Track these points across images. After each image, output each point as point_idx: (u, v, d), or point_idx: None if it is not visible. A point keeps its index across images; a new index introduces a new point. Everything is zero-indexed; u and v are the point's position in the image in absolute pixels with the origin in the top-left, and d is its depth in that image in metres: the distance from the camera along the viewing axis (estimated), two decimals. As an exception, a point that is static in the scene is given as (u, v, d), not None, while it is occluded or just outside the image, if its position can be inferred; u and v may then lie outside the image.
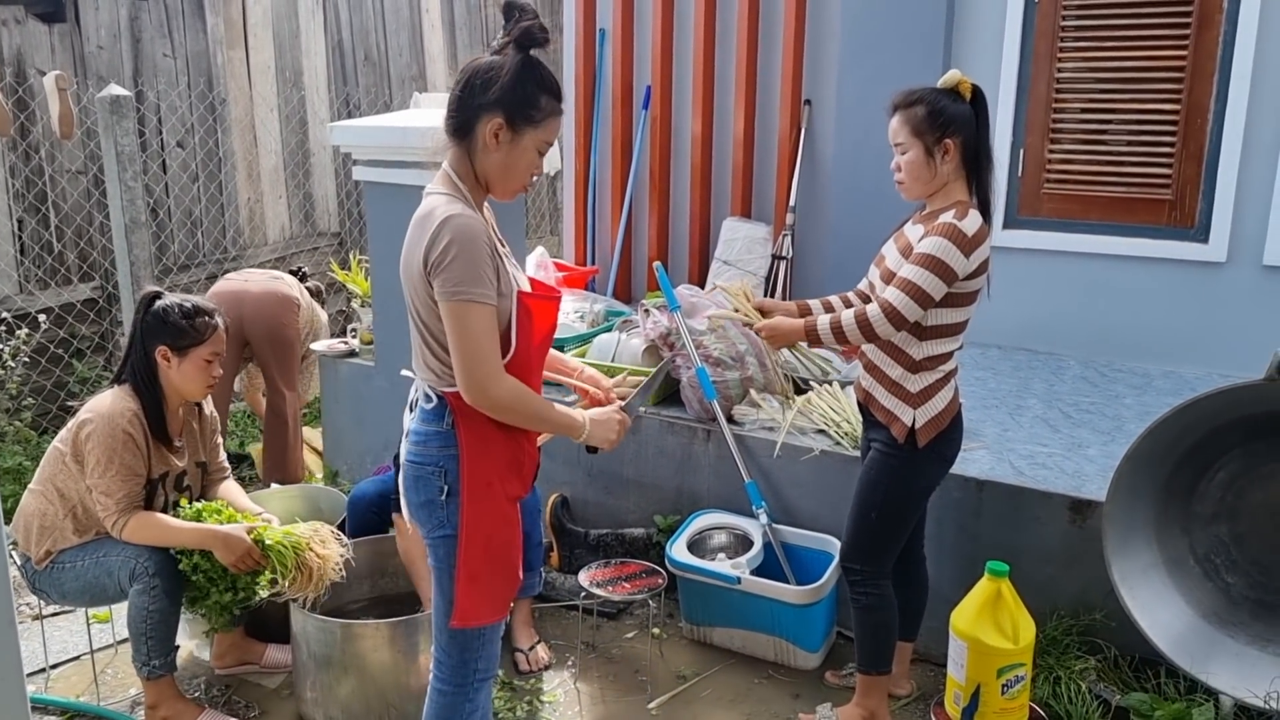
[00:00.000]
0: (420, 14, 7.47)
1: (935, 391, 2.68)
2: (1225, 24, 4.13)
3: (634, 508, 3.92)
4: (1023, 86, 4.56)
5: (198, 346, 2.95)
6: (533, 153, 2.14)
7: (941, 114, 2.56)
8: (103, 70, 5.53)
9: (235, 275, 4.61)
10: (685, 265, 5.37)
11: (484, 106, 2.08)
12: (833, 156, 4.88)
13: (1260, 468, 2.84)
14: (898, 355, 2.69)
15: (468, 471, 2.15)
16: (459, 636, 2.24)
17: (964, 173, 2.63)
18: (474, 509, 2.16)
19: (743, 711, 3.14)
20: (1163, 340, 4.41)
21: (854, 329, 2.62)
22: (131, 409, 2.89)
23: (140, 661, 2.84)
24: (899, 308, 2.55)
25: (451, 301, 2.02)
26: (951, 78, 2.61)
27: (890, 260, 2.69)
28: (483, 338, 2.03)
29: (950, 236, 2.51)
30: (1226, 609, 2.89)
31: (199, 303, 3.02)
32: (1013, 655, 2.45)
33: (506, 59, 2.08)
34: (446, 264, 2.00)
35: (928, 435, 2.67)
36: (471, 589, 2.19)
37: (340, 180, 6.95)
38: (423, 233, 2.06)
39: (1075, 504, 3.09)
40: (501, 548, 2.22)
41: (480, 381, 2.04)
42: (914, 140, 2.58)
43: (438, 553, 2.22)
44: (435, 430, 2.16)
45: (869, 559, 2.81)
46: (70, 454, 2.90)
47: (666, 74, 5.27)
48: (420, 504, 2.21)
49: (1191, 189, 4.30)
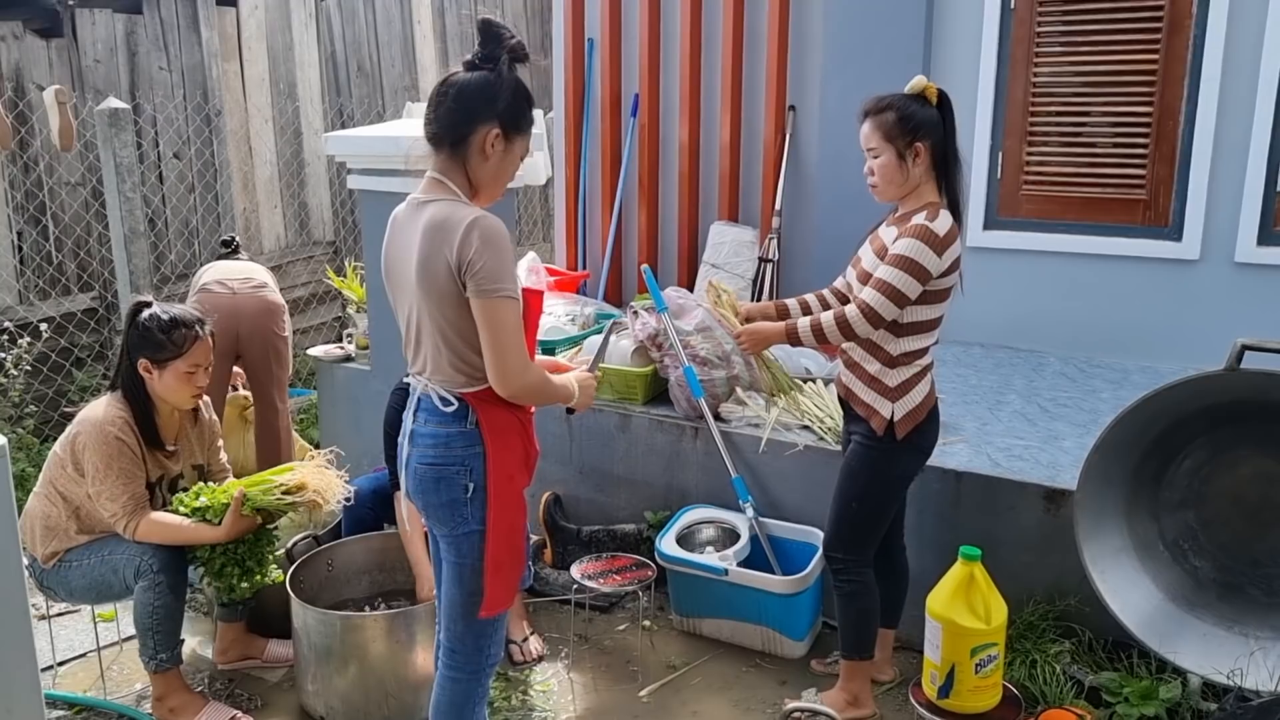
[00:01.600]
0: (412, 26, 7.59)
1: (912, 385, 2.79)
2: (1194, 29, 4.26)
3: (625, 504, 4.02)
4: (1000, 91, 4.68)
5: (176, 360, 3.00)
6: (518, 159, 2.31)
7: (911, 119, 2.68)
8: (100, 84, 5.63)
9: (212, 280, 4.29)
10: (674, 268, 5.48)
11: (483, 118, 2.20)
12: (817, 161, 5.00)
13: (1224, 455, 2.95)
14: (876, 351, 2.79)
15: (493, 468, 2.26)
16: (476, 626, 2.35)
17: (934, 174, 2.74)
18: (500, 503, 2.27)
19: (731, 699, 3.24)
20: (1139, 336, 4.53)
21: (833, 329, 2.73)
22: (122, 416, 2.97)
23: (148, 655, 2.93)
24: (876, 307, 2.66)
25: (489, 298, 2.12)
26: (918, 83, 2.72)
27: (866, 261, 2.80)
28: (517, 329, 2.17)
29: (922, 237, 2.62)
30: (1194, 591, 2.99)
31: (180, 315, 3.04)
32: (985, 635, 2.55)
33: (503, 73, 2.22)
34: (483, 263, 2.10)
35: (905, 428, 2.78)
36: (497, 579, 2.31)
37: (335, 190, 7.05)
38: (446, 237, 2.13)
39: (1050, 493, 3.20)
40: (519, 537, 2.37)
41: (516, 370, 2.17)
42: (885, 145, 2.70)
43: (460, 549, 2.30)
44: (458, 431, 2.25)
45: (850, 548, 2.92)
46: (69, 462, 2.98)
47: (654, 82, 5.38)
48: (443, 504, 2.28)
49: (1165, 189, 4.42)
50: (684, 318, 3.92)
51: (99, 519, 2.98)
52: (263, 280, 4.40)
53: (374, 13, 7.29)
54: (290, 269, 6.74)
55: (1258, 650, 2.81)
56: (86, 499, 2.97)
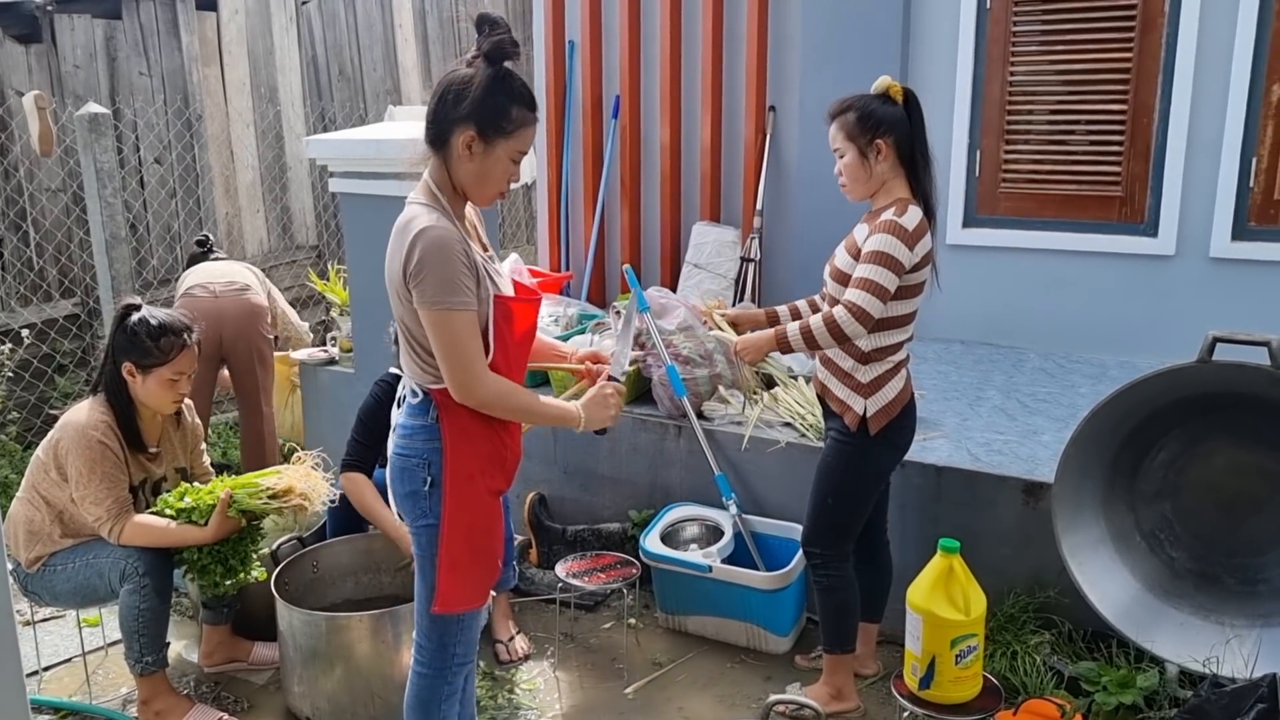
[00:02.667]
0: (393, 29, 7.59)
1: (885, 382, 2.82)
2: (1167, 28, 4.31)
3: (609, 503, 4.04)
4: (978, 90, 4.73)
5: (161, 367, 3.00)
6: (506, 162, 2.21)
7: (871, 116, 2.72)
8: (79, 89, 5.62)
9: (195, 284, 4.33)
10: (657, 269, 5.50)
11: (457, 119, 2.16)
12: (797, 160, 5.04)
13: (1198, 446, 3.00)
14: (848, 348, 2.82)
15: (450, 464, 2.25)
16: (439, 622, 2.35)
17: (902, 171, 2.77)
18: (456, 500, 2.26)
19: (717, 694, 3.26)
20: (1117, 331, 4.58)
21: (823, 332, 2.72)
22: (105, 420, 2.98)
23: (134, 658, 2.93)
24: (864, 305, 2.67)
25: (431, 310, 2.12)
26: (882, 83, 2.76)
27: (839, 260, 2.82)
28: (464, 342, 2.13)
29: (893, 232, 2.65)
30: (1170, 581, 3.04)
31: (169, 321, 3.04)
32: (965, 626, 2.58)
33: (478, 72, 2.16)
34: (423, 275, 2.11)
35: (879, 423, 2.81)
36: (452, 576, 2.30)
37: (317, 194, 7.05)
38: (400, 244, 2.15)
39: (1029, 486, 3.24)
40: (482, 537, 2.33)
41: (466, 383, 2.16)
42: (848, 144, 2.74)
43: (420, 541, 2.33)
44: (420, 424, 2.27)
45: (827, 542, 2.95)
46: (53, 466, 2.98)
47: (635, 84, 5.41)
48: (405, 494, 2.32)
49: (1140, 186, 4.48)
50: (666, 317, 3.94)
51: (83, 523, 2.98)
52: (245, 283, 4.40)
53: (355, 16, 7.29)
54: (273, 273, 6.73)
55: (1233, 638, 2.85)
56: (70, 503, 2.97)
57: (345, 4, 7.21)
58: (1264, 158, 4.20)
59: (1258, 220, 4.27)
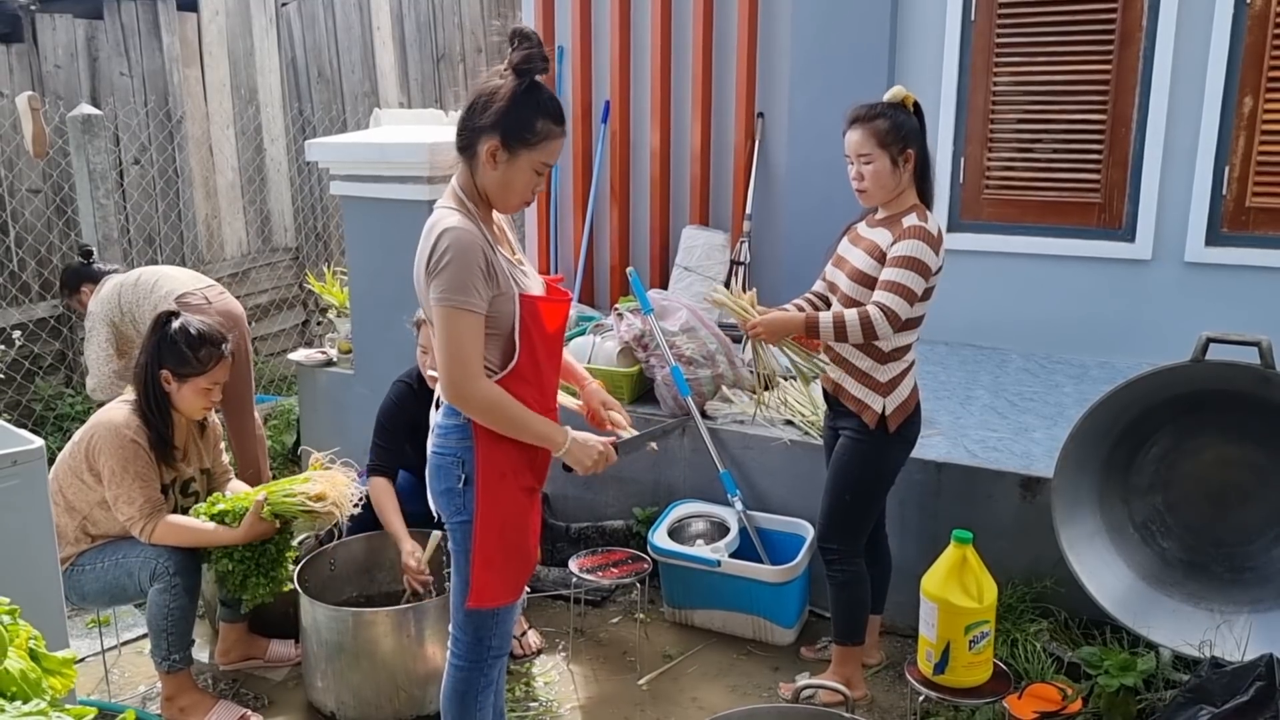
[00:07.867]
0: (371, 31, 7.59)
1: (900, 380, 2.94)
2: (1144, 41, 4.49)
3: (612, 501, 4.12)
4: (962, 99, 4.88)
5: (198, 376, 3.05)
6: (529, 172, 2.27)
7: (901, 127, 2.83)
8: (60, 89, 5.58)
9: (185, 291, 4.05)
10: (647, 272, 5.58)
11: (483, 128, 2.23)
12: (786, 165, 5.15)
13: (1188, 442, 3.15)
14: (868, 349, 2.92)
15: (483, 462, 2.32)
16: (474, 616, 2.42)
17: (914, 178, 2.89)
18: (488, 497, 2.33)
19: (728, 684, 3.35)
20: (1096, 333, 4.75)
21: (856, 328, 2.79)
22: (137, 420, 3.01)
23: (160, 656, 2.96)
24: (895, 308, 2.77)
25: (440, 306, 2.19)
26: (898, 93, 2.87)
27: (858, 261, 2.92)
28: (464, 342, 2.20)
29: (922, 237, 2.77)
30: (1163, 570, 3.18)
31: (207, 331, 3.08)
32: (978, 613, 2.70)
33: (506, 83, 2.23)
34: (440, 271, 2.18)
35: (897, 420, 2.93)
36: (487, 572, 2.36)
37: (297, 196, 7.04)
38: (426, 242, 2.23)
39: (1025, 481, 3.38)
40: (515, 534, 2.40)
41: (457, 382, 2.22)
42: (880, 151, 2.83)
43: (455, 537, 2.40)
44: (454, 424, 2.34)
45: (844, 538, 3.06)
46: (85, 468, 3.00)
47: (625, 89, 5.49)
48: (441, 491, 2.39)
49: (1118, 193, 4.65)
50: (668, 319, 4.03)
51: (108, 525, 3.00)
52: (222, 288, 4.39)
53: (334, 19, 7.29)
54: (253, 275, 6.72)
55: (1223, 623, 3.01)
56: (96, 507, 2.99)
57: (324, 6, 7.21)
58: (1236, 166, 4.39)
59: (1230, 227, 4.46)
